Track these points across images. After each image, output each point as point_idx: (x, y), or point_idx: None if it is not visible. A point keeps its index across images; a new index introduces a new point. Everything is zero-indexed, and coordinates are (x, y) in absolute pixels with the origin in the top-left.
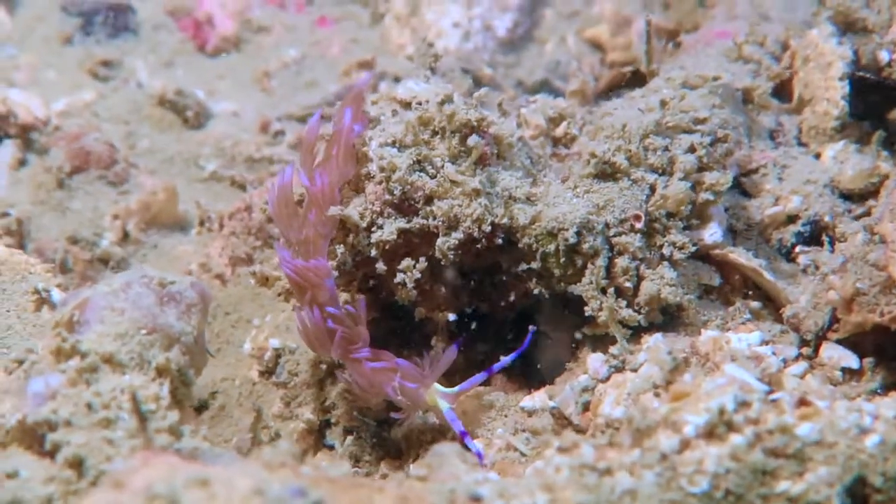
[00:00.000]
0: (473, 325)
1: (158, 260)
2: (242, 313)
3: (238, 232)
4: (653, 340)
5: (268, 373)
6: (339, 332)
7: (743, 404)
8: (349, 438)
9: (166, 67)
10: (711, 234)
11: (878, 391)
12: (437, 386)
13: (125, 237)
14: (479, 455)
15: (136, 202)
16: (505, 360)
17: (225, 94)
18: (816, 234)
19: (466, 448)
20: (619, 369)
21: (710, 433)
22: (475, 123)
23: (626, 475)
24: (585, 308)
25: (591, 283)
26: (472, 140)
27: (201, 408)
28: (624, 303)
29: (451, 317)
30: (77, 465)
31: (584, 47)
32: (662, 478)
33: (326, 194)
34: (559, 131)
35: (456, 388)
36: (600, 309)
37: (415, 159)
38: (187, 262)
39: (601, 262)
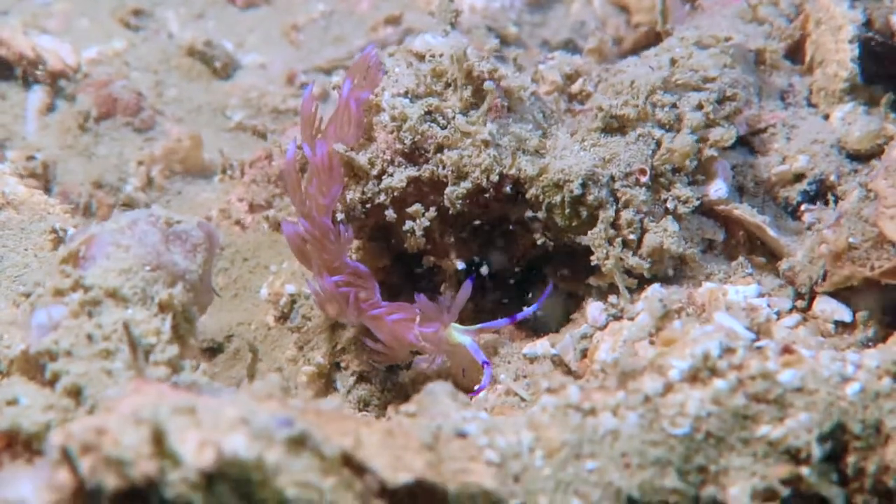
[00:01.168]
0: (485, 269)
1: (181, 206)
2: (260, 259)
3: (258, 180)
4: (651, 290)
5: (283, 318)
6: (352, 293)
7: (728, 350)
8: (350, 381)
9: (197, 19)
10: (716, 189)
11: (870, 345)
12: (457, 325)
13: (149, 183)
14: (488, 364)
15: (161, 149)
16: (527, 310)
17: (253, 46)
18: (822, 193)
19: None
20: (617, 318)
21: (693, 377)
22: (487, 76)
23: (610, 416)
24: (592, 258)
25: (601, 232)
26: (488, 84)
27: (216, 351)
28: (630, 252)
29: (460, 265)
30: (75, 393)
31: (610, 8)
32: (645, 419)
33: (325, 164)
34: (575, 88)
35: (476, 327)
36: (606, 257)
37: (426, 110)
38: (209, 209)
39: (607, 215)
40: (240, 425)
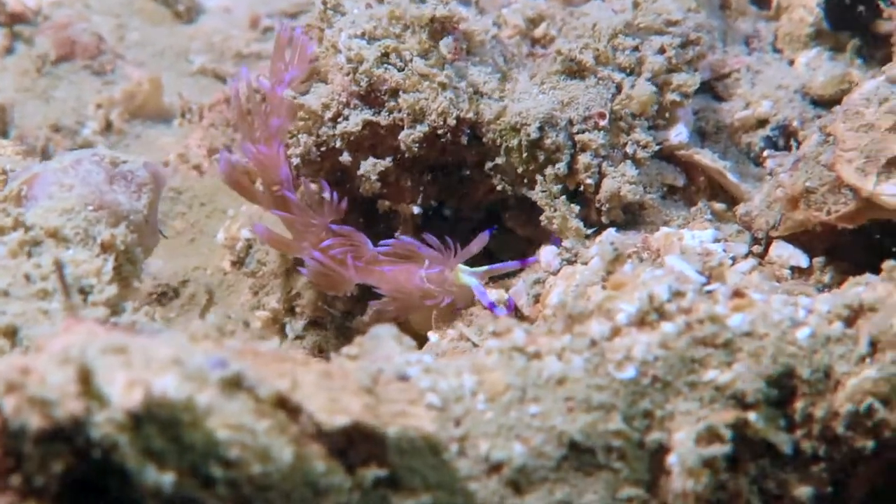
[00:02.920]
0: (447, 213)
1: (140, 150)
2: (217, 204)
3: (217, 123)
4: (605, 235)
5: (239, 263)
6: (348, 255)
7: (677, 294)
8: (301, 327)
9: None
10: (677, 134)
11: (825, 290)
12: (463, 266)
13: (108, 127)
14: (510, 303)
15: (121, 92)
16: (532, 260)
17: None
18: (785, 139)
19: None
20: (571, 262)
21: (641, 321)
22: (443, 19)
23: (555, 359)
24: (541, 217)
25: (546, 191)
26: (444, 42)
27: (171, 296)
28: (577, 208)
29: (416, 209)
30: (11, 334)
31: None
32: (590, 363)
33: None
34: (538, 32)
35: (482, 269)
36: (554, 216)
37: (383, 52)
38: (168, 153)
39: (564, 160)
40: (172, 366)
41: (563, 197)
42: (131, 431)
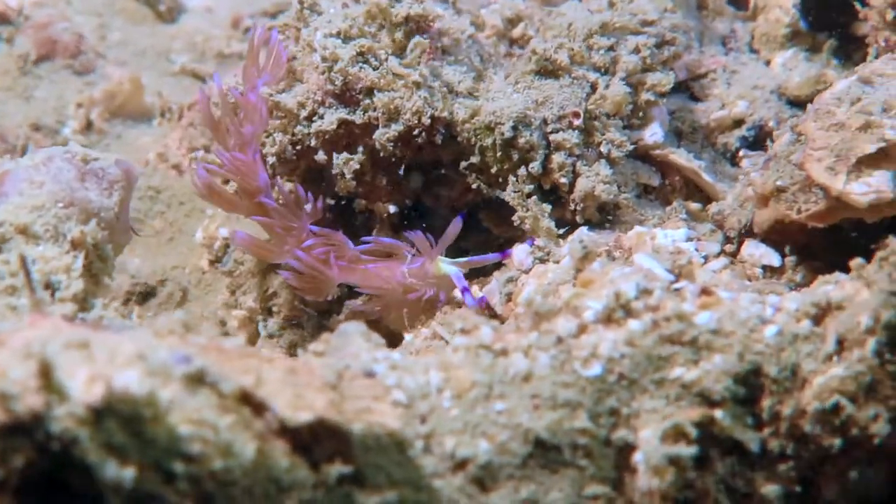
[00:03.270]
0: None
1: (120, 150)
2: (196, 203)
3: (196, 123)
4: (577, 233)
5: (217, 262)
6: (331, 254)
7: (644, 291)
8: (277, 325)
9: None
10: (652, 134)
11: (797, 289)
12: (443, 258)
13: (88, 126)
14: (482, 300)
15: (101, 92)
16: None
17: None
18: (761, 139)
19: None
20: (544, 261)
21: (608, 318)
22: (419, 18)
23: (522, 357)
24: (514, 217)
25: (518, 191)
26: (416, 38)
27: (149, 295)
28: (549, 208)
29: (392, 208)
30: None
31: None
32: (557, 360)
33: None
34: (516, 32)
35: (463, 259)
36: (526, 216)
37: (358, 51)
38: (147, 152)
39: (538, 158)
40: (135, 361)
41: (535, 197)
42: (92, 426)
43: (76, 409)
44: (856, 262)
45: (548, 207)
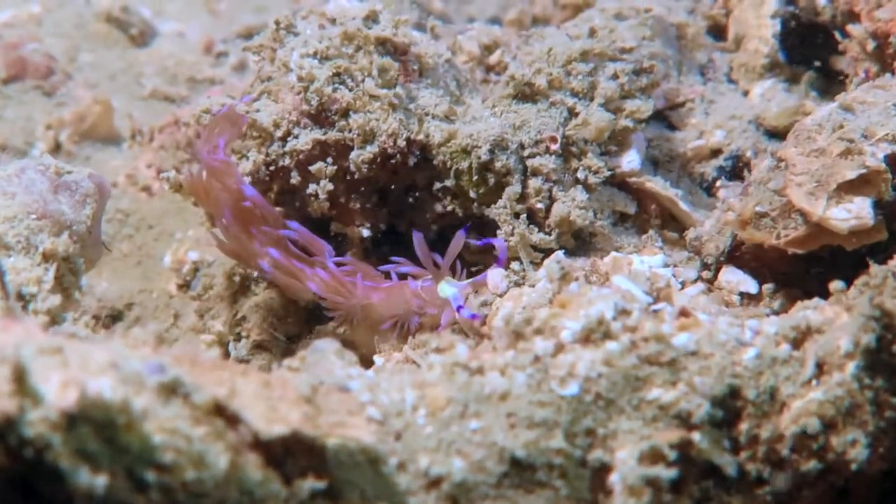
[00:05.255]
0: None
1: None
2: (165, 227)
3: (167, 146)
4: (553, 256)
5: (185, 286)
6: (358, 277)
7: (622, 312)
8: (246, 350)
9: None
10: (629, 161)
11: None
12: (449, 279)
13: (57, 148)
14: (475, 316)
15: (71, 113)
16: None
17: (172, 14)
18: (738, 170)
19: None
20: (519, 284)
21: (586, 338)
22: (396, 41)
23: (498, 375)
24: (498, 232)
25: (506, 207)
26: (390, 60)
27: (116, 318)
28: (536, 228)
29: (365, 232)
30: None
31: None
32: (533, 379)
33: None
34: (493, 59)
35: (466, 282)
36: (512, 234)
37: (334, 72)
38: (117, 175)
39: (516, 184)
40: (109, 369)
41: (525, 216)
42: (65, 431)
43: (50, 414)
44: (835, 285)
45: (534, 228)
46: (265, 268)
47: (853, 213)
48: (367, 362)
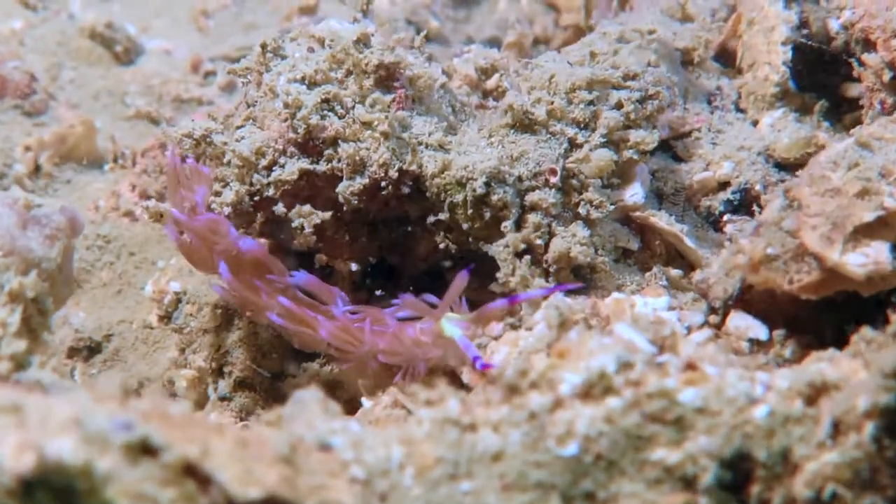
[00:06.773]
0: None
1: (69, 196)
2: (148, 255)
3: (150, 170)
4: (552, 298)
5: (166, 317)
6: (367, 323)
7: (625, 365)
8: (227, 388)
9: (102, 1)
10: (632, 194)
11: (785, 365)
12: (450, 315)
13: (37, 170)
14: (489, 366)
15: (51, 134)
16: (528, 293)
17: (159, 31)
18: (747, 204)
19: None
20: (515, 327)
21: (586, 393)
22: (389, 65)
23: (491, 432)
24: (498, 274)
25: (508, 245)
26: (388, 96)
27: (94, 350)
28: (537, 270)
29: (354, 267)
30: None
31: (539, 6)
32: (529, 437)
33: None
34: (490, 83)
35: (468, 316)
36: (512, 274)
37: (323, 98)
38: (98, 199)
39: (512, 217)
40: (71, 427)
41: (528, 258)
42: (21, 498)
43: (4, 480)
44: (860, 334)
45: (535, 270)
46: (275, 320)
47: (871, 258)
48: (354, 403)
